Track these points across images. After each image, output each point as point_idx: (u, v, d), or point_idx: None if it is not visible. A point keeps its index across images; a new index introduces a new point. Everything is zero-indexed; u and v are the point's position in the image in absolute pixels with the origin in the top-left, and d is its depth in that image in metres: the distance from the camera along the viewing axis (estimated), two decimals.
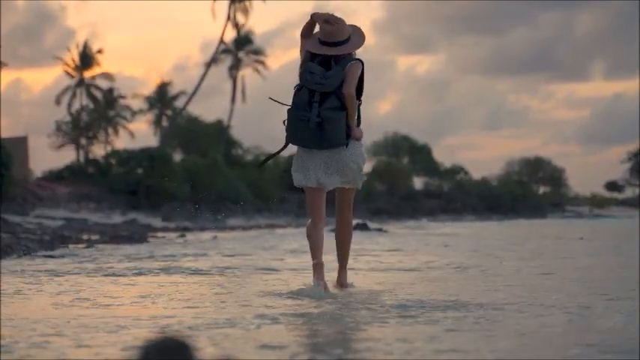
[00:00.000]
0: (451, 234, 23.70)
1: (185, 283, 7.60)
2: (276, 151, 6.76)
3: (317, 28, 6.49)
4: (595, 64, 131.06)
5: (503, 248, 14.46)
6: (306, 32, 6.50)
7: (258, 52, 61.77)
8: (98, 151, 53.93)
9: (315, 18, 6.39)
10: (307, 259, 6.85)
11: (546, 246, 15.38)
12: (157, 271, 9.09)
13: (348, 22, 6.45)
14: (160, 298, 6.31)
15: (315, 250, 6.38)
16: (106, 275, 8.48)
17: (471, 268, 9.24)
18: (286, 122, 6.32)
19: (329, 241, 6.64)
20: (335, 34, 6.27)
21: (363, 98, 6.46)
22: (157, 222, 34.11)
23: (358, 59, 6.35)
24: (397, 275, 8.45)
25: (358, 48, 6.40)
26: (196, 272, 8.87)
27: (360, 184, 6.50)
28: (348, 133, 6.25)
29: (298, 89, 6.24)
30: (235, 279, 8.18)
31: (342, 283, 6.71)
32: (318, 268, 6.31)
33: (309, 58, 6.33)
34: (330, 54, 6.25)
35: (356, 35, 6.40)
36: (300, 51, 6.50)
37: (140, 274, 8.68)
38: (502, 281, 7.59)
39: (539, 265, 9.87)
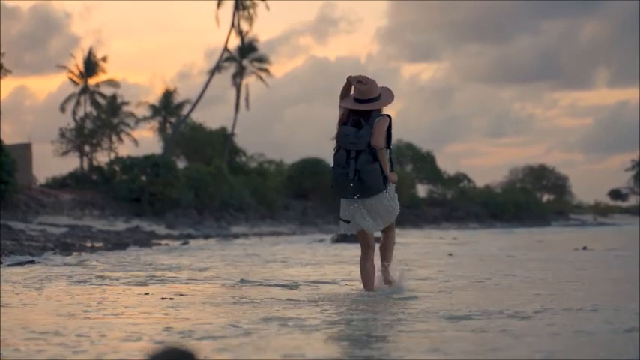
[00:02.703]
0: (457, 243, 23.65)
1: (195, 292, 7.59)
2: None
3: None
4: (599, 72, 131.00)
5: (514, 257, 14.45)
6: (344, 93, 7.39)
7: (262, 59, 61.80)
8: (102, 158, 53.97)
9: (350, 80, 7.29)
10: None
11: (556, 255, 15.37)
12: (165, 279, 9.09)
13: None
14: (168, 307, 6.31)
15: (367, 281, 7.31)
16: (115, 283, 8.49)
17: (489, 279, 9.21)
18: (331, 178, 7.21)
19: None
20: (367, 92, 7.18)
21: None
22: (160, 229, 34.08)
23: (386, 115, 7.24)
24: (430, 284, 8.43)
25: (387, 104, 7.30)
26: (204, 280, 8.87)
27: (396, 213, 7.38)
28: (385, 180, 7.14)
29: (336, 151, 7.16)
30: (248, 288, 8.17)
31: (386, 279, 7.45)
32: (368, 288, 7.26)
33: (345, 117, 7.26)
34: (363, 109, 7.15)
35: (386, 93, 7.32)
36: (339, 109, 7.38)
37: (141, 283, 8.67)
38: (539, 289, 7.62)
39: (560, 273, 9.86)
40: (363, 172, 7.01)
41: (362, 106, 7.17)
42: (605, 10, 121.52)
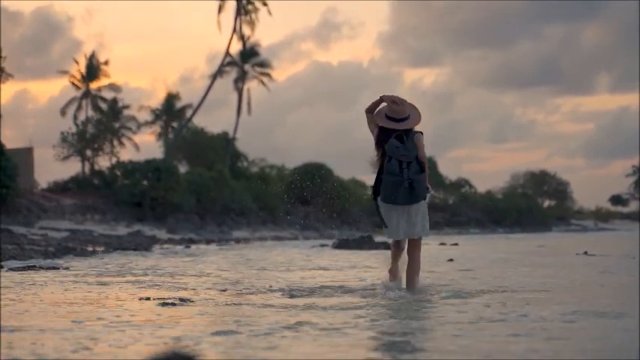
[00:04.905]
0: (458, 248, 23.62)
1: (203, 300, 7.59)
2: (377, 210, 8.22)
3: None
4: (600, 77, 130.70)
5: (523, 263, 14.44)
6: (372, 109, 8.23)
7: (263, 64, 61.85)
8: (103, 162, 53.98)
9: (384, 99, 8.14)
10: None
11: (561, 260, 15.37)
12: (166, 284, 9.09)
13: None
14: (169, 312, 6.32)
15: (394, 274, 8.32)
16: (115, 287, 8.48)
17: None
18: (383, 186, 7.98)
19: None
20: (400, 112, 8.06)
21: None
22: (162, 234, 34.12)
23: (419, 132, 8.13)
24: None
25: (418, 123, 8.16)
26: (205, 285, 8.87)
27: (428, 234, 8.21)
28: (427, 190, 8.05)
29: (388, 160, 7.94)
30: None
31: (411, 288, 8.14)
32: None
33: (379, 133, 8.09)
34: (399, 129, 8.02)
35: (414, 112, 8.17)
36: (369, 123, 8.28)
37: (142, 288, 8.67)
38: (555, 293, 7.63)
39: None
40: (414, 181, 7.89)
41: (400, 126, 8.04)
42: (607, 15, 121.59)
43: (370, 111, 8.26)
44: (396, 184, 7.90)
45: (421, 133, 8.15)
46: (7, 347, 4.44)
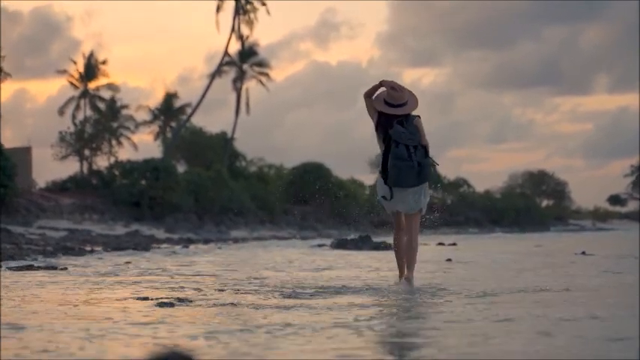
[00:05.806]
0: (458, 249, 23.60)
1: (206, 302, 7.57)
2: (385, 199, 8.53)
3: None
4: (599, 78, 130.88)
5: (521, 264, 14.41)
6: (370, 93, 8.55)
7: (262, 64, 61.85)
8: (102, 162, 53.97)
9: (384, 84, 8.45)
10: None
11: (561, 261, 15.36)
12: (165, 284, 9.07)
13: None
14: (168, 313, 6.30)
15: (400, 257, 8.61)
16: (113, 287, 8.47)
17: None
18: (390, 171, 8.27)
19: None
20: (399, 98, 8.38)
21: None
22: (160, 233, 34.11)
23: (417, 115, 8.48)
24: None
25: (415, 108, 8.46)
26: (204, 285, 8.85)
27: (425, 209, 8.61)
28: (431, 172, 8.52)
29: (396, 146, 8.22)
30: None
31: (407, 277, 8.50)
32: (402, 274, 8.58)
33: (378, 117, 8.44)
34: (398, 114, 8.33)
35: (411, 98, 8.46)
36: (367, 108, 8.59)
37: (141, 288, 8.65)
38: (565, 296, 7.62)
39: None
40: (422, 164, 8.29)
41: (398, 111, 8.35)
42: (606, 16, 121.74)
43: (369, 95, 8.56)
44: (407, 169, 8.22)
45: (419, 116, 8.47)
46: (5, 348, 4.42)
